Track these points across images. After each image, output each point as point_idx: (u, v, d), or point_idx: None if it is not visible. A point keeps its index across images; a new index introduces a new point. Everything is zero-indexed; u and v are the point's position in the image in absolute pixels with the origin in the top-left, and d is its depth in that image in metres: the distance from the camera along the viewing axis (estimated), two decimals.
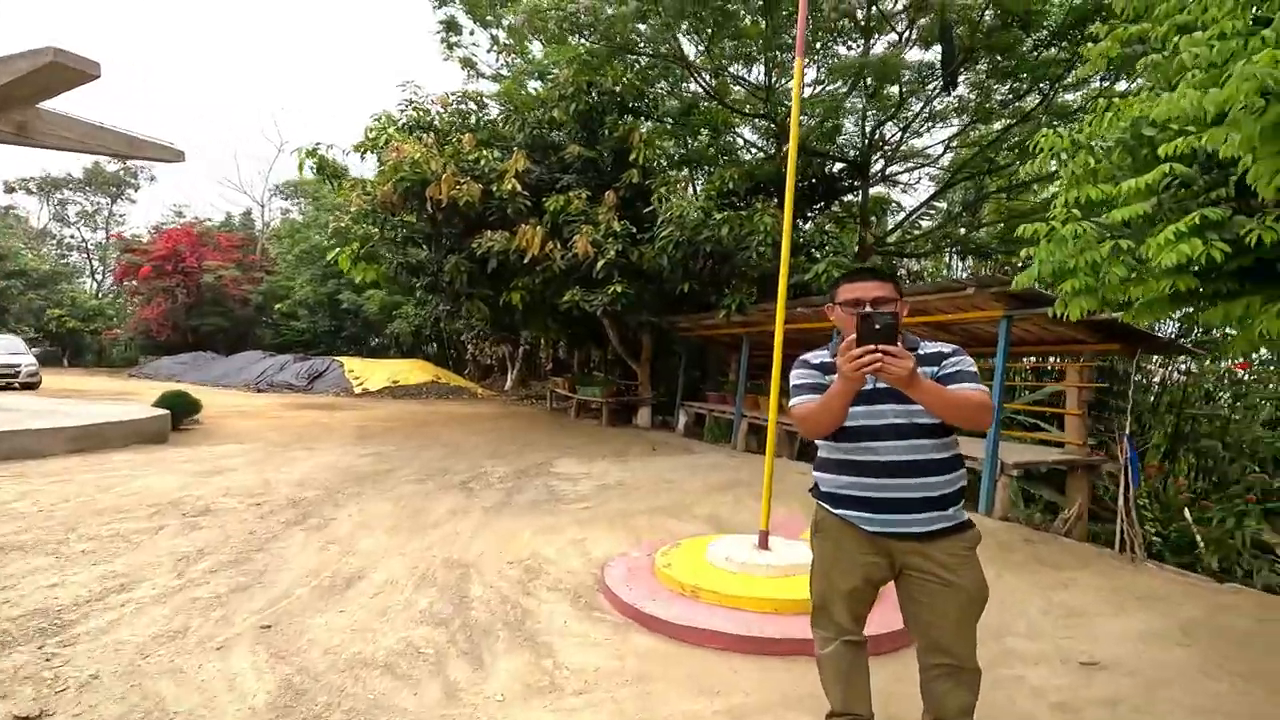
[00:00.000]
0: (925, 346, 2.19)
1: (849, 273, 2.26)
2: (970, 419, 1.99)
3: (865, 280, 2.18)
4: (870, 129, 14.15)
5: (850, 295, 2.16)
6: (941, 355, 2.15)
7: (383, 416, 13.15)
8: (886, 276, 2.21)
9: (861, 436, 2.12)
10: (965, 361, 2.13)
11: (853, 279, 2.22)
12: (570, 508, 5.81)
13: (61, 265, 43.78)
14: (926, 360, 2.14)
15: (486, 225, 10.60)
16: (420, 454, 8.47)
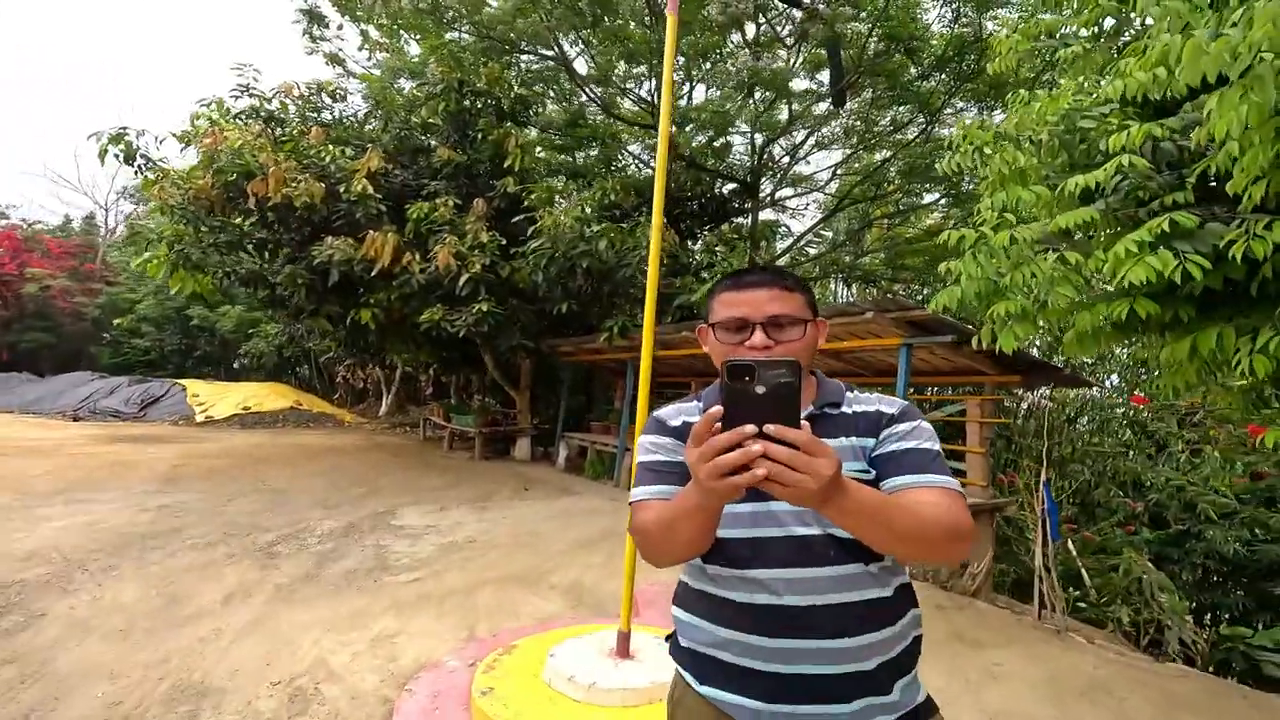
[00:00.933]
0: (854, 402, 1.29)
1: (731, 274, 1.33)
2: (936, 549, 1.07)
3: (755, 287, 1.26)
4: (760, 145, 13.80)
5: (730, 312, 1.26)
6: (881, 419, 1.25)
7: (212, 452, 11.18)
8: (789, 280, 1.29)
9: (741, 558, 1.20)
10: (921, 431, 1.22)
11: (738, 283, 1.29)
12: (396, 581, 4.58)
13: None
14: (853, 427, 1.24)
15: (331, 231, 9.13)
16: (230, 504, 6.90)
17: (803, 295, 1.27)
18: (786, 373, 0.85)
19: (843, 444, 1.22)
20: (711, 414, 0.88)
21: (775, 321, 1.21)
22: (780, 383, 0.85)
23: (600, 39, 12.16)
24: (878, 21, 11.34)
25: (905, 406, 1.27)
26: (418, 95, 12.50)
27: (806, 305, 1.26)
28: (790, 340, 1.21)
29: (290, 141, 9.82)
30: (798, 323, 1.22)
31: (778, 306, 1.22)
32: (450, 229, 9.38)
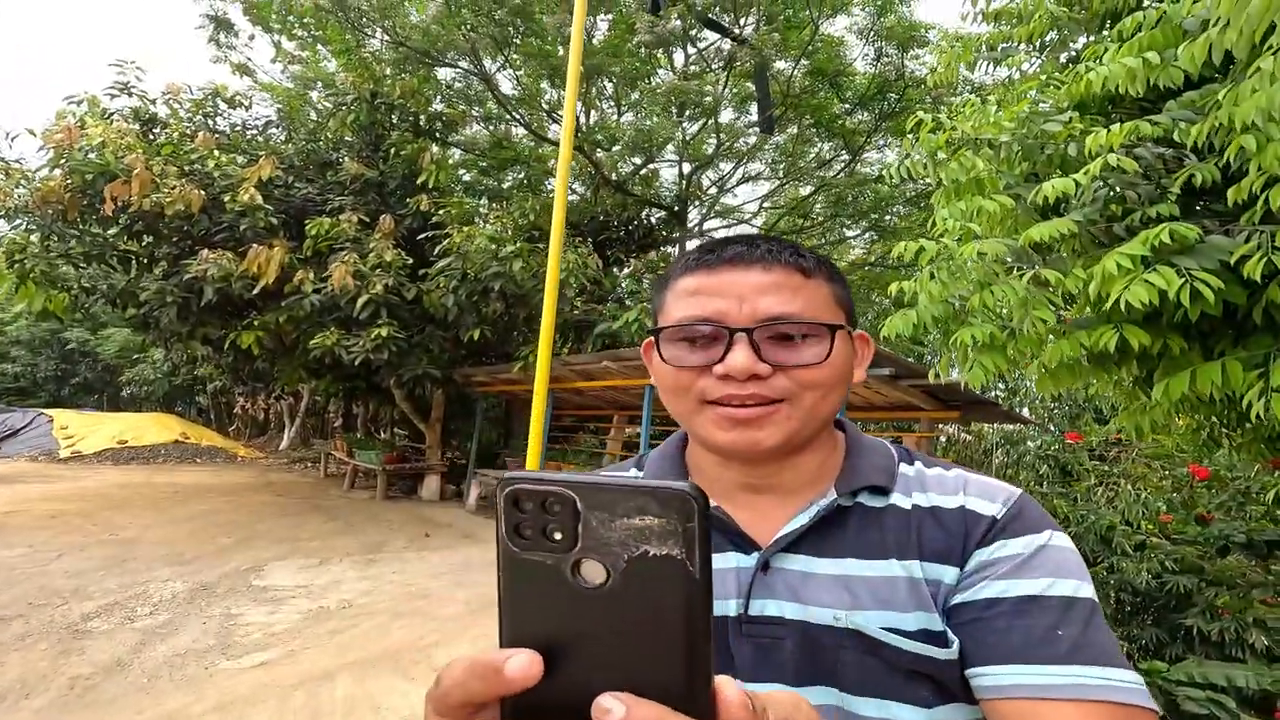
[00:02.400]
0: (917, 484, 0.72)
1: (703, 246, 0.73)
2: None
3: (742, 265, 0.68)
4: (688, 172, 13.57)
5: (692, 309, 0.69)
6: (972, 526, 0.66)
7: (63, 494, 9.70)
8: (807, 258, 0.69)
9: None
10: (1056, 558, 0.62)
11: (716, 258, 0.69)
12: (235, 667, 3.69)
13: None
14: (912, 538, 0.67)
15: (211, 245, 8.11)
16: (55, 563, 5.75)
17: (830, 285, 0.70)
18: (666, 520, 0.30)
19: (883, 573, 0.65)
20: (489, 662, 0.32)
21: (776, 330, 0.65)
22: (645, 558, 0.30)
23: (524, 57, 11.68)
24: (803, 54, 11.34)
25: (1018, 501, 0.67)
26: (326, 105, 11.65)
27: (835, 303, 0.70)
28: (806, 366, 0.65)
29: (170, 145, 8.77)
30: (819, 333, 0.65)
31: (782, 301, 0.66)
32: (353, 246, 8.53)
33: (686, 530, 0.29)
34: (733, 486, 0.72)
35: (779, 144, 14.16)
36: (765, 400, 0.64)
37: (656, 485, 0.30)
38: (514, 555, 0.31)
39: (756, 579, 0.67)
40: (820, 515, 0.67)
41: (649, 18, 9.28)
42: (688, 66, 12.63)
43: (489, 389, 10.96)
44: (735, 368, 0.63)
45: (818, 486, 0.70)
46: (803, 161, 14.38)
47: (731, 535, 0.69)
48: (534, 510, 0.31)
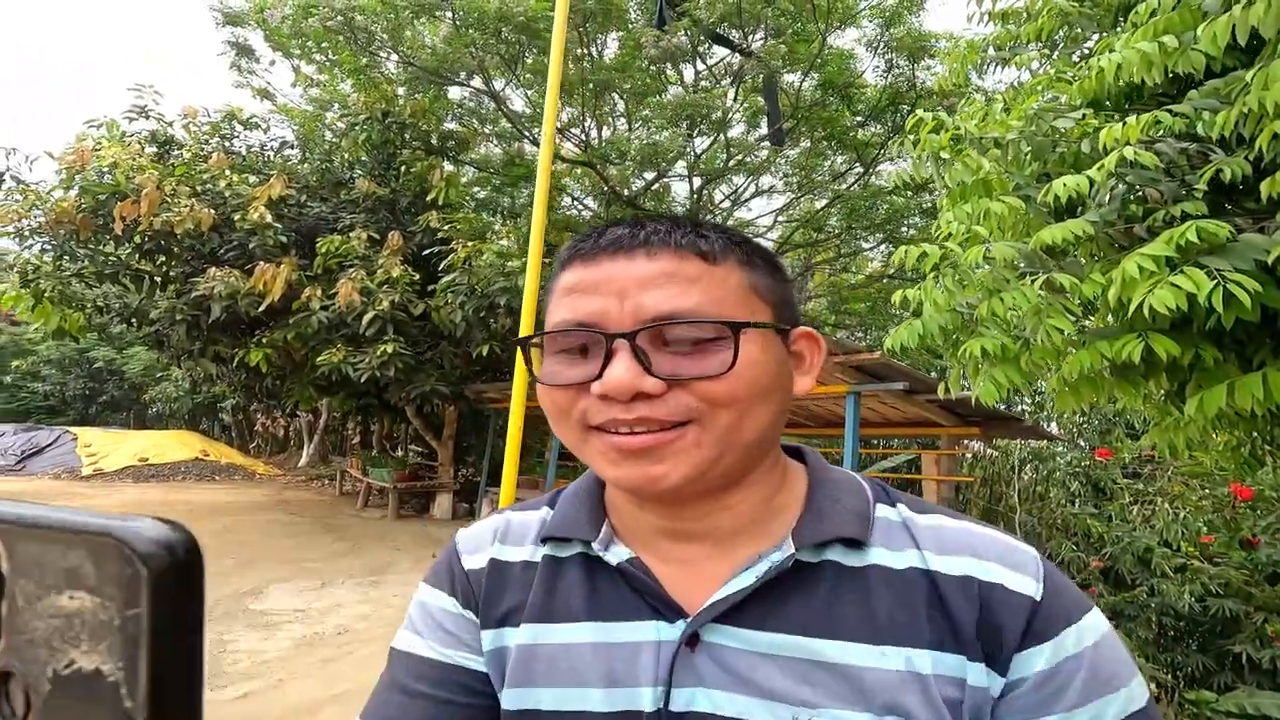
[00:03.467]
0: (900, 532, 0.56)
1: (579, 236, 0.57)
2: None
3: (622, 251, 0.53)
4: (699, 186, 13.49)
5: (566, 311, 0.54)
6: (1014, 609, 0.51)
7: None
8: (708, 238, 0.54)
9: None
10: (1118, 660, 0.50)
11: (594, 248, 0.55)
12: (216, 699, 3.56)
13: None
14: (901, 617, 0.51)
15: (221, 263, 8.15)
16: None
17: (746, 271, 0.55)
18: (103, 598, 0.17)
19: (872, 662, 0.50)
20: None
21: (667, 332, 0.51)
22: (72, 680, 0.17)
23: (532, 74, 11.71)
24: (812, 67, 11.25)
25: (1045, 569, 0.53)
26: (341, 126, 11.78)
27: (753, 293, 0.55)
28: (709, 379, 0.50)
29: (184, 166, 8.87)
30: (724, 334, 0.51)
31: (673, 295, 0.51)
32: (362, 264, 8.53)
33: (126, 622, 0.16)
34: (652, 533, 0.57)
35: (792, 157, 14.06)
36: (663, 424, 0.49)
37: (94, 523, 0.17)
38: None
39: (680, 658, 0.51)
40: (771, 574, 0.52)
41: (654, 33, 9.24)
42: (698, 82, 12.59)
43: (499, 405, 10.88)
44: (614, 385, 0.49)
45: (765, 534, 0.55)
46: (816, 175, 14.25)
47: (650, 597, 0.54)
48: None
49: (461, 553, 0.63)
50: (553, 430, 0.58)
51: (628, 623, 0.54)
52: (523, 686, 0.53)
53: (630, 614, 0.54)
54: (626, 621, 0.54)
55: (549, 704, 0.52)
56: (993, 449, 10.82)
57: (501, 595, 0.58)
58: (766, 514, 0.56)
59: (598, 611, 0.54)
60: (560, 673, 0.53)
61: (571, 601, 0.56)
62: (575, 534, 0.58)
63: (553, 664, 0.53)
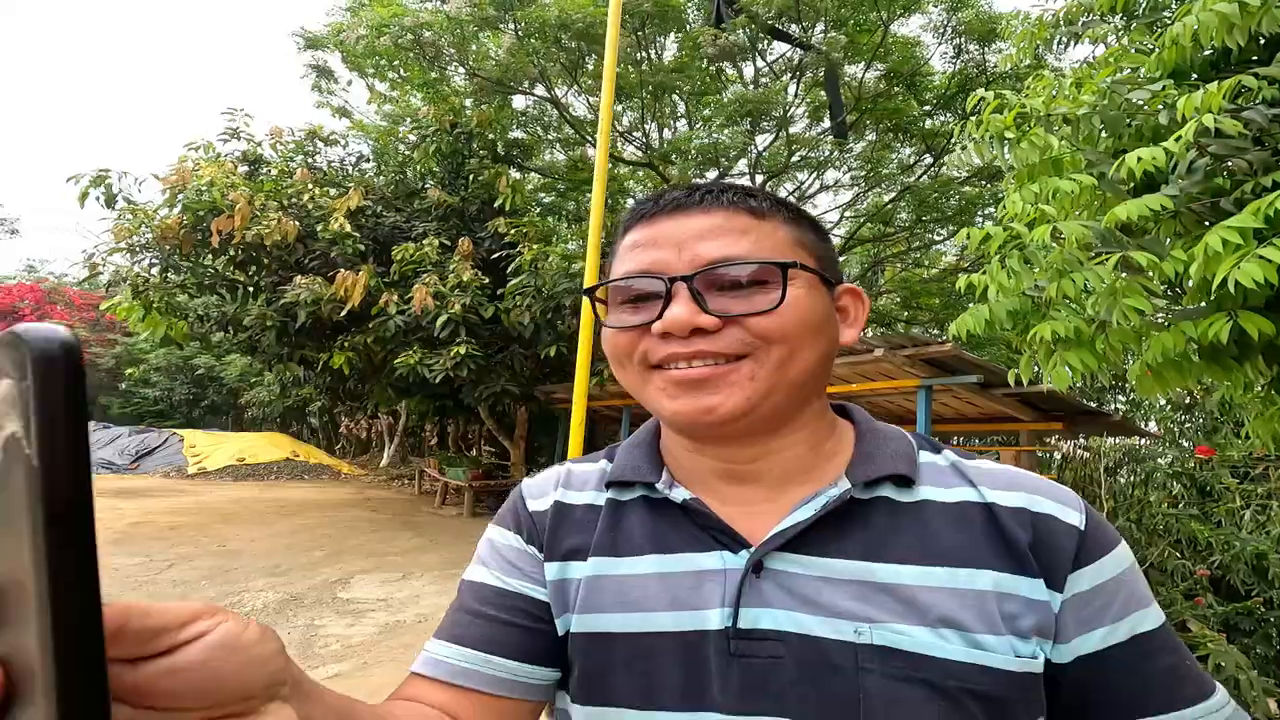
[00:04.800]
0: (951, 474, 0.61)
1: (639, 201, 0.64)
2: None
3: (681, 210, 0.60)
4: (761, 184, 13.36)
5: (630, 263, 0.61)
6: (1064, 536, 0.56)
7: (184, 507, 10.54)
8: (757, 199, 0.61)
9: None
10: (1142, 580, 0.58)
11: (655, 208, 0.62)
12: (315, 676, 3.81)
13: None
14: (958, 536, 0.56)
15: (306, 271, 8.65)
16: (165, 572, 6.20)
17: (791, 228, 0.61)
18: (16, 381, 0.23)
19: (934, 582, 0.54)
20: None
21: (719, 275, 0.57)
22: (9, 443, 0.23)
23: (593, 79, 11.89)
24: (875, 57, 10.97)
25: (1084, 503, 0.58)
26: (412, 138, 12.28)
27: (798, 246, 0.60)
28: (760, 314, 0.56)
29: (271, 182, 9.47)
30: (772, 275, 0.56)
31: (726, 244, 0.58)
32: (435, 269, 8.89)
33: (23, 393, 0.22)
34: (710, 475, 0.62)
35: (857, 150, 13.74)
36: (718, 358, 0.55)
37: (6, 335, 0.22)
38: None
39: (747, 583, 0.55)
40: (829, 508, 0.56)
41: (712, 32, 9.24)
42: (757, 78, 12.47)
43: (569, 405, 11.08)
44: (673, 322, 0.55)
45: (818, 475, 0.60)
46: (883, 167, 13.88)
47: (714, 530, 0.59)
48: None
49: (526, 497, 0.69)
50: (616, 376, 0.64)
51: (691, 554, 0.59)
52: (592, 612, 0.59)
53: (693, 546, 0.59)
54: (689, 553, 0.59)
55: (618, 626, 0.58)
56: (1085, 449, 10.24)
57: (565, 533, 0.65)
58: (817, 459, 0.61)
59: (661, 545, 0.60)
60: (628, 599, 0.58)
61: (635, 537, 0.62)
62: (637, 477, 0.64)
63: (620, 592, 0.59)
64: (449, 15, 9.72)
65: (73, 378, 0.22)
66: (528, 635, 0.61)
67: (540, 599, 0.63)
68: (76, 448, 0.22)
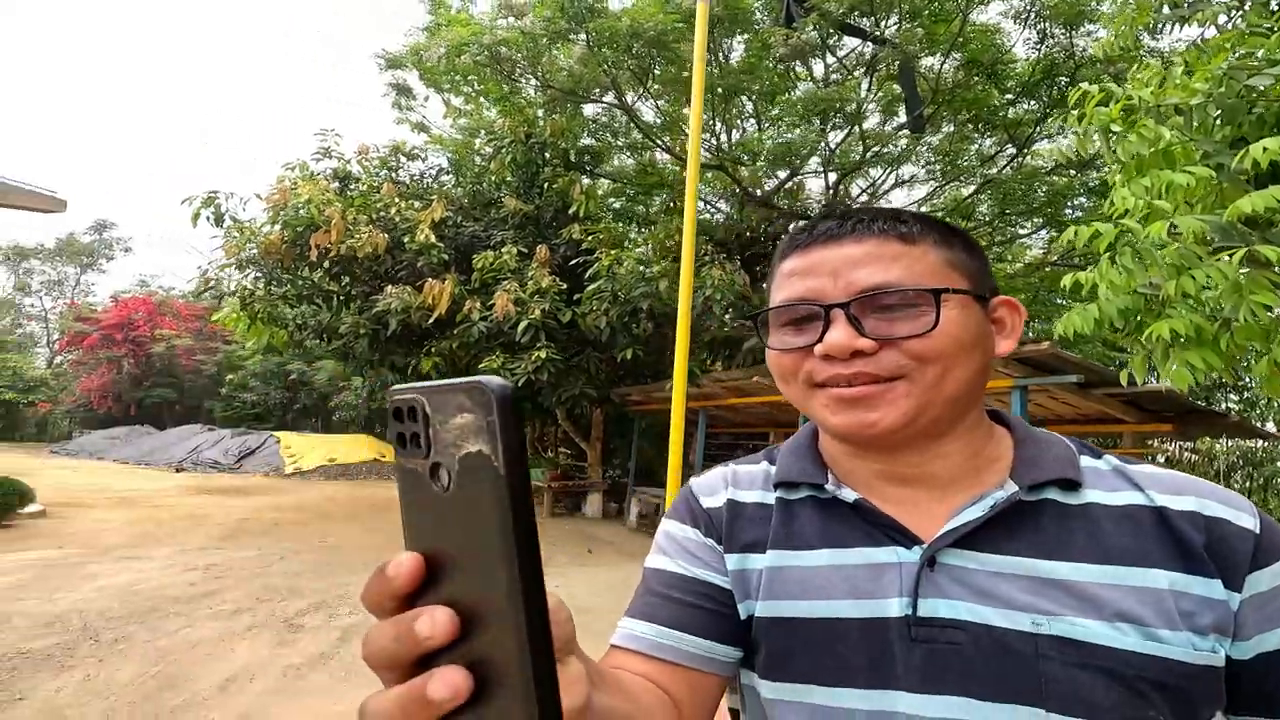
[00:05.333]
0: (1115, 478, 0.64)
1: (794, 230, 0.70)
2: None
3: (836, 240, 0.65)
4: (834, 181, 13.14)
5: (790, 290, 0.67)
6: (1238, 539, 0.58)
7: (286, 505, 11.24)
8: (907, 223, 0.64)
9: None
10: None
11: (809, 238, 0.67)
12: None
13: (12, 335, 41.74)
14: (1128, 538, 0.59)
15: (395, 281, 9.09)
16: (277, 565, 6.64)
17: (942, 250, 0.64)
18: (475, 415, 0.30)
19: (1106, 579, 0.57)
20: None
21: (874, 301, 0.61)
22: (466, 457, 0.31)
23: (663, 85, 11.98)
24: (953, 47, 10.60)
25: (1257, 510, 0.61)
26: (488, 150, 12.70)
27: (949, 268, 0.63)
28: (911, 337, 0.60)
29: (360, 197, 10.00)
30: (924, 300, 0.60)
31: (879, 271, 0.61)
32: (514, 276, 9.19)
33: (489, 423, 0.29)
34: (872, 477, 0.67)
35: (934, 144, 13.32)
36: (876, 378, 0.60)
37: (465, 380, 0.30)
38: (400, 464, 0.32)
39: (923, 576, 0.60)
40: (998, 509, 0.60)
41: (783, 31, 9.17)
42: (828, 75, 12.27)
43: (644, 407, 11.21)
44: (834, 345, 0.60)
45: (981, 479, 0.64)
46: (962, 160, 13.40)
47: (886, 528, 0.64)
48: (406, 419, 0.32)
49: (699, 495, 0.76)
50: (780, 389, 0.70)
51: (864, 548, 0.64)
52: (776, 599, 0.66)
53: (865, 541, 0.65)
54: (863, 547, 0.65)
55: (803, 612, 0.64)
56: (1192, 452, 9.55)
57: (741, 528, 0.72)
58: (977, 464, 0.65)
59: (834, 540, 0.66)
60: (809, 588, 0.65)
61: (809, 532, 0.68)
62: (804, 479, 0.70)
63: (801, 581, 0.65)
64: (523, 31, 10.03)
65: (518, 414, 0.30)
66: (713, 617, 0.68)
67: (723, 585, 0.70)
68: (524, 462, 0.30)
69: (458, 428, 0.30)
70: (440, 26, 12.59)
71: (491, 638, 0.30)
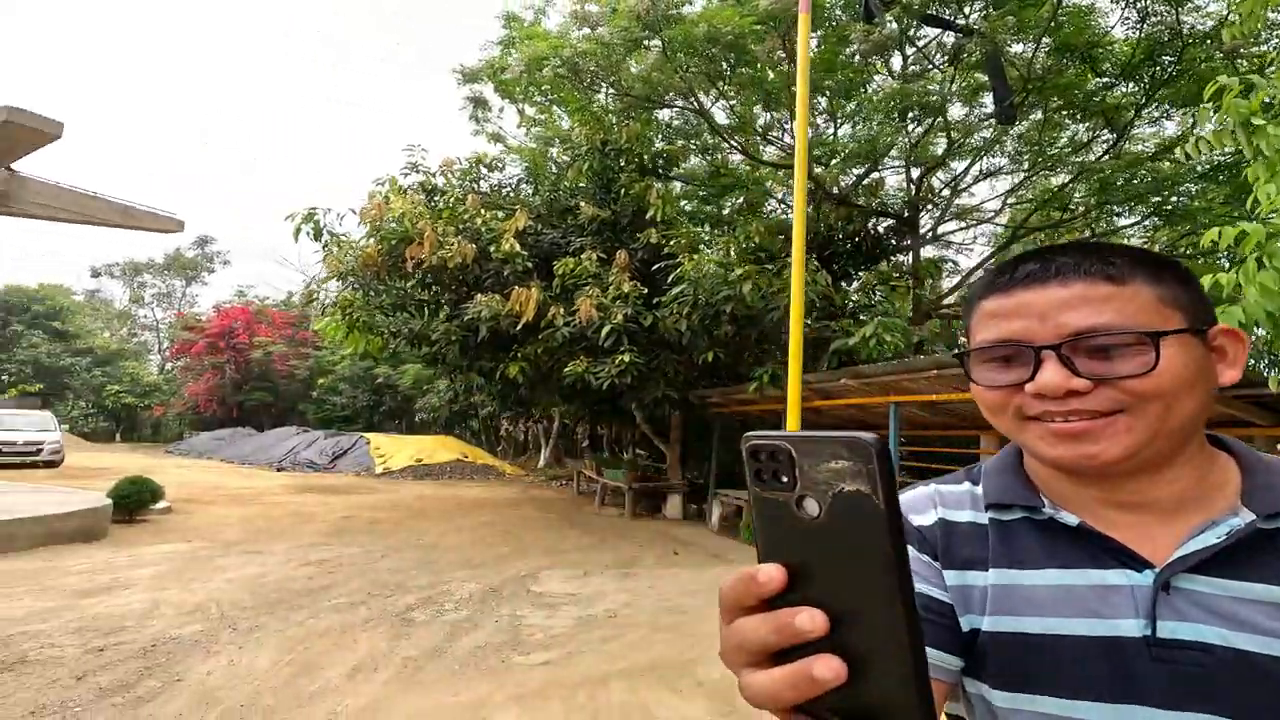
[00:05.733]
0: None
1: (993, 271, 0.71)
2: None
3: (1040, 281, 0.65)
4: (917, 177, 12.77)
5: (995, 331, 0.67)
6: None
7: (380, 503, 11.82)
8: (1116, 261, 0.64)
9: None
10: None
11: (1010, 279, 0.68)
12: (525, 663, 4.20)
13: (129, 344, 45.41)
14: None
15: (482, 289, 9.44)
16: (381, 561, 7.01)
17: (1155, 287, 0.63)
18: (853, 462, 0.38)
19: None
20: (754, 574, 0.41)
21: (1087, 343, 0.62)
22: (841, 495, 0.39)
23: (736, 87, 11.94)
24: (1045, 32, 10.12)
25: None
26: (565, 159, 12.99)
27: (1164, 305, 0.63)
28: (1129, 377, 0.60)
29: (448, 209, 10.43)
30: (1142, 342, 0.61)
31: (1089, 314, 0.62)
32: (594, 282, 9.38)
33: (869, 470, 0.37)
34: (1092, 502, 0.68)
35: (1021, 133, 12.74)
36: (1094, 414, 0.62)
37: (842, 435, 0.38)
38: (757, 494, 0.41)
39: (1160, 599, 0.62)
40: (1235, 536, 0.60)
41: (863, 27, 8.99)
42: (906, 68, 11.94)
43: (723, 410, 11.20)
44: (1047, 386, 0.61)
45: (1208, 505, 0.65)
46: (1054, 148, 12.76)
47: (1113, 551, 0.65)
48: (766, 459, 0.40)
49: (908, 513, 0.79)
50: (988, 420, 0.73)
51: (1090, 570, 0.66)
52: (1005, 615, 0.69)
53: (1090, 563, 0.66)
54: (1088, 569, 0.66)
55: (1034, 628, 0.67)
56: None
57: (958, 546, 0.75)
58: (1204, 489, 0.66)
59: (1060, 560, 0.68)
60: (1039, 605, 0.67)
61: (1032, 553, 0.70)
62: (1018, 501, 0.72)
63: (1029, 599, 0.68)
64: (601, 41, 10.21)
65: (891, 463, 0.38)
66: (935, 629, 0.72)
67: (943, 599, 0.73)
68: (898, 500, 0.37)
69: (831, 470, 0.38)
70: (515, 40, 12.97)
71: (864, 635, 0.37)
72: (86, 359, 37.31)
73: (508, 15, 13.61)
